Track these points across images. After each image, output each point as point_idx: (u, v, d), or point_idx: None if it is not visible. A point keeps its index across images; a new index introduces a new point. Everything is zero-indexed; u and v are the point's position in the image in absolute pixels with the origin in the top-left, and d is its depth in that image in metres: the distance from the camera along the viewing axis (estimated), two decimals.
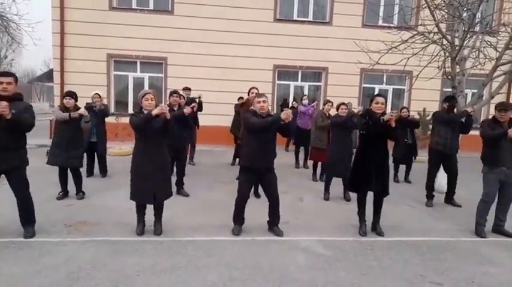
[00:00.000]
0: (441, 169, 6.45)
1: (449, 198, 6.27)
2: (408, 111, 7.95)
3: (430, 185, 6.24)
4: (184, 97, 6.91)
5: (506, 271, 3.81)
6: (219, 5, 11.80)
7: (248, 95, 7.00)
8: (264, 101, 4.27)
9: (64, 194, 5.69)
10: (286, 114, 4.01)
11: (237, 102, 9.35)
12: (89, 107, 6.66)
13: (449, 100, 6.13)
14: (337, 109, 6.34)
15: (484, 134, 4.72)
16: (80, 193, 5.73)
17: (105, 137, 7.21)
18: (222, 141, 10.98)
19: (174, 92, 6.26)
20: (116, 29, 11.62)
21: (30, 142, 10.99)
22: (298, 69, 12.74)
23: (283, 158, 9.04)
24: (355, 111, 6.41)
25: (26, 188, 4.14)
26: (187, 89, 8.72)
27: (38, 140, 11.26)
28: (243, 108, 7.51)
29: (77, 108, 5.65)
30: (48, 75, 16.47)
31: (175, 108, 6.09)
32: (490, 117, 4.98)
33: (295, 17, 12.60)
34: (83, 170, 6.05)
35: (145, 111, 4.12)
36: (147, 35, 11.71)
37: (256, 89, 6.69)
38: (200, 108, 8.18)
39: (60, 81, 11.60)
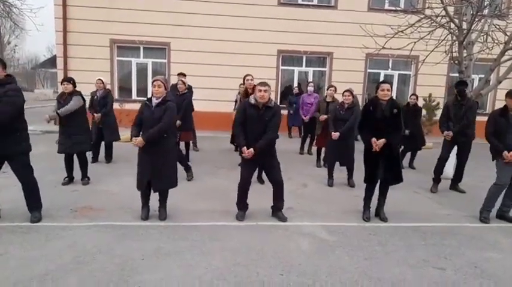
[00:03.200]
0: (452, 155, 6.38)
1: (455, 184, 6.24)
2: (417, 98, 7.82)
3: (439, 169, 6.14)
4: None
5: (509, 257, 3.81)
6: None
7: (243, 82, 6.88)
8: (265, 91, 4.20)
9: (69, 179, 5.73)
10: (248, 154, 4.20)
11: (239, 88, 9.27)
12: (91, 95, 6.68)
13: (459, 85, 6.00)
14: (342, 96, 6.26)
15: (487, 133, 4.66)
16: (85, 179, 5.77)
17: (113, 122, 7.14)
18: (225, 127, 10.96)
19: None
20: (119, 14, 11.53)
21: (34, 128, 11.07)
22: (302, 54, 12.60)
23: (287, 144, 9.04)
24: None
25: (30, 173, 4.16)
26: (182, 74, 8.66)
27: (43, 127, 11.31)
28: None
29: (75, 93, 5.55)
30: (52, 62, 16.42)
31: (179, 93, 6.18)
32: (497, 104, 4.89)
33: (299, 1, 12.40)
34: (89, 156, 6.07)
35: (154, 99, 4.21)
36: (150, 20, 11.61)
37: (251, 75, 6.60)
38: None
39: (64, 67, 11.58)
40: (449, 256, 3.75)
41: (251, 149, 4.20)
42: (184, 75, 8.73)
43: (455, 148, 6.10)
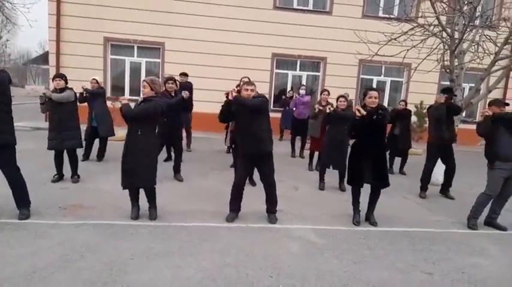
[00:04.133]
0: (438, 162, 6.49)
1: (445, 190, 6.30)
2: (406, 104, 7.97)
3: (425, 177, 6.27)
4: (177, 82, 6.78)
5: (496, 263, 3.88)
6: None
7: (240, 83, 6.91)
8: (251, 90, 4.25)
9: (59, 177, 5.67)
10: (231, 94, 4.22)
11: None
12: (80, 92, 6.61)
13: (447, 92, 6.13)
14: (336, 101, 6.31)
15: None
16: (75, 176, 5.71)
17: (108, 118, 7.09)
18: (218, 128, 10.94)
19: (169, 79, 6.21)
20: (114, 12, 11.46)
21: (24, 124, 10.97)
22: (296, 58, 12.67)
23: (279, 147, 9.04)
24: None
25: (14, 168, 4.08)
26: (184, 74, 8.66)
27: (33, 123, 11.20)
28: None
29: (67, 89, 5.54)
30: (44, 58, 16.28)
31: (173, 95, 6.09)
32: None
33: (295, 5, 12.47)
34: (79, 154, 6.02)
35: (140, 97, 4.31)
36: (145, 19, 11.57)
37: (248, 78, 6.63)
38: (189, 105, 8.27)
39: (56, 64, 11.45)
40: (437, 261, 3.79)
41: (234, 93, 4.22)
42: (186, 75, 8.66)
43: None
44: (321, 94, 7.41)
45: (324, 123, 6.89)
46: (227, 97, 4.33)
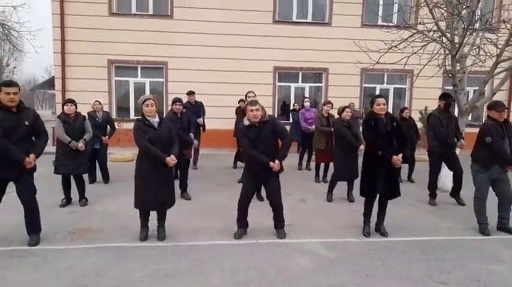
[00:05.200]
0: (445, 167, 6.43)
1: (456, 193, 6.17)
2: (409, 111, 7.93)
3: (432, 185, 6.21)
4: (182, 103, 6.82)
5: (510, 269, 3.78)
6: (218, 8, 11.85)
7: (245, 99, 7.00)
8: (256, 110, 4.21)
9: (67, 201, 5.70)
10: (277, 166, 4.20)
11: (238, 105, 9.35)
12: (91, 116, 6.71)
13: (445, 98, 6.11)
14: (341, 113, 6.26)
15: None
16: (83, 200, 5.74)
17: (106, 144, 7.22)
18: (224, 144, 11.00)
19: (177, 100, 6.26)
20: (116, 35, 11.68)
21: None
22: (298, 70, 12.74)
23: (285, 159, 9.01)
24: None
25: (34, 195, 4.16)
26: (191, 93, 8.69)
27: None
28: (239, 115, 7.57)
29: (77, 115, 5.69)
30: (50, 83, 16.56)
31: (179, 116, 6.19)
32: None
33: (294, 19, 12.60)
34: (86, 177, 6.07)
35: (148, 117, 4.20)
36: (147, 40, 11.77)
37: (253, 93, 6.70)
38: (203, 128, 8.70)
39: (62, 88, 11.65)
40: (451, 270, 3.71)
41: (277, 162, 4.20)
42: (193, 93, 8.72)
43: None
44: (324, 105, 7.40)
45: (330, 135, 6.86)
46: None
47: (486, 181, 4.74)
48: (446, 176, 6.67)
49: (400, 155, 4.35)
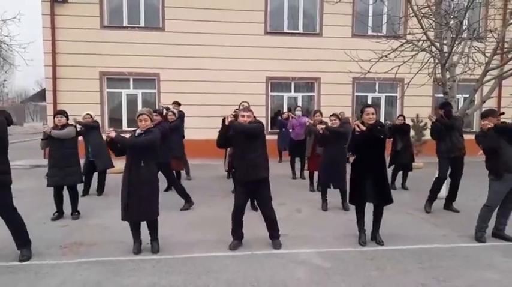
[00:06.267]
0: None
1: (449, 204, 6.23)
2: (404, 119, 8.01)
3: (436, 189, 6.16)
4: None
5: (506, 277, 3.78)
6: (209, 21, 11.93)
7: (239, 109, 7.01)
8: (248, 116, 4.30)
9: (59, 214, 5.61)
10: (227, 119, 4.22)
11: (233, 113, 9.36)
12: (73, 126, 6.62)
13: (444, 107, 6.18)
14: (329, 121, 6.34)
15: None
16: (75, 213, 5.65)
17: (104, 151, 6.88)
18: (217, 154, 10.92)
19: (168, 109, 6.34)
20: (108, 47, 11.67)
21: (23, 163, 10.93)
22: (290, 80, 12.83)
23: (279, 169, 9.02)
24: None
25: (9, 208, 4.01)
26: (176, 103, 8.76)
27: (32, 161, 11.18)
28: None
29: (66, 125, 5.62)
30: (41, 95, 16.41)
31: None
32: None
33: (285, 30, 12.74)
34: (79, 189, 5.98)
35: (138, 130, 4.25)
36: (139, 52, 11.78)
37: (247, 103, 6.73)
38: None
39: (53, 101, 11.57)
40: (447, 278, 3.70)
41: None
42: (178, 104, 8.79)
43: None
44: (314, 115, 7.43)
45: (315, 142, 6.91)
46: (224, 122, 4.34)
47: (502, 190, 4.63)
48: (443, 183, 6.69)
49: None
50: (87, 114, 7.04)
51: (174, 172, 7.02)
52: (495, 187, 4.68)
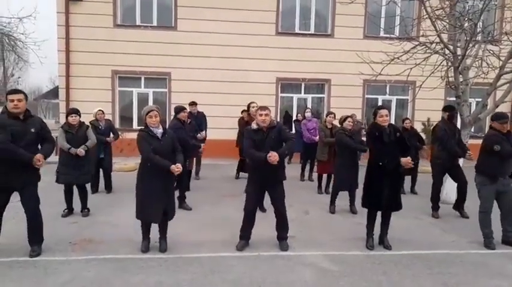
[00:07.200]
0: (448, 179, 6.38)
1: (460, 205, 6.10)
2: (411, 121, 7.93)
3: (435, 197, 6.18)
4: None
5: None
6: (221, 20, 11.95)
7: (248, 109, 7.05)
8: (266, 115, 4.26)
9: (69, 211, 5.69)
10: (273, 157, 4.06)
11: (241, 115, 9.36)
12: (93, 126, 6.70)
13: (449, 110, 6.13)
14: (342, 123, 6.28)
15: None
16: (85, 210, 5.72)
17: (111, 152, 7.24)
18: (226, 154, 10.97)
19: (183, 109, 6.30)
20: (121, 46, 11.78)
21: None
22: (301, 81, 12.78)
23: (288, 170, 8.93)
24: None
25: (37, 204, 4.15)
26: (193, 103, 8.73)
27: None
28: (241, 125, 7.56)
29: (80, 125, 5.70)
30: (54, 93, 16.64)
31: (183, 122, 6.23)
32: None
33: (297, 30, 12.69)
34: (88, 186, 6.06)
35: (151, 128, 4.19)
36: (151, 51, 11.86)
37: (256, 103, 6.74)
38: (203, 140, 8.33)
39: (66, 98, 11.72)
40: (456, 285, 3.66)
41: (274, 153, 4.08)
42: (195, 104, 8.76)
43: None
44: (326, 117, 7.41)
45: (332, 146, 6.84)
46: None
47: (492, 194, 4.70)
48: (450, 189, 6.63)
49: (408, 157, 4.35)
50: (100, 110, 7.14)
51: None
52: (484, 192, 4.73)
